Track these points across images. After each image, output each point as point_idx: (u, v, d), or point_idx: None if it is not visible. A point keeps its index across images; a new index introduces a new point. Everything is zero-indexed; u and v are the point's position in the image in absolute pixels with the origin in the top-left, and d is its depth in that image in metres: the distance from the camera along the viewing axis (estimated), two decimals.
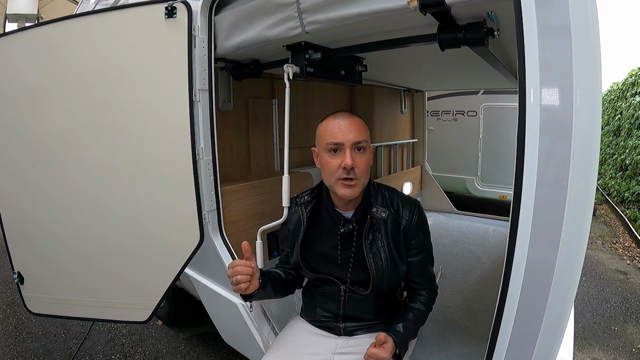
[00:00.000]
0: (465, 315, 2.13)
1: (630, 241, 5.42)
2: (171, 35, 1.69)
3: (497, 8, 1.26)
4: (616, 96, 8.77)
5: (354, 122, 1.38)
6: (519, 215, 1.07)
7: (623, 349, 2.93)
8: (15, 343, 2.98)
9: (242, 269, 1.27)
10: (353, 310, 1.53)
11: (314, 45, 1.77)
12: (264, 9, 1.56)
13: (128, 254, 1.93)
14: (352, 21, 1.33)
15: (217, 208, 1.89)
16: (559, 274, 1.03)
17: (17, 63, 1.96)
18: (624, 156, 7.26)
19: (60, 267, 2.09)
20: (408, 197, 1.55)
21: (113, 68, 1.80)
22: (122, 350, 2.90)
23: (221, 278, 1.96)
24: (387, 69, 2.72)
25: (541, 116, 1.00)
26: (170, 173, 1.80)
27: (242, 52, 1.78)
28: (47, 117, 1.93)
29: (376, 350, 1.30)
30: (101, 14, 1.82)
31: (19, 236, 2.17)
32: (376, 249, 1.45)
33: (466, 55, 1.76)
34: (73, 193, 1.95)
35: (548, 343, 1.09)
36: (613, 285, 4.06)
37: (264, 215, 2.33)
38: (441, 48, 1.44)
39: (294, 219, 1.58)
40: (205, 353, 2.88)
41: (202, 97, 1.76)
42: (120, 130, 1.83)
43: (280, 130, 2.71)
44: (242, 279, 1.27)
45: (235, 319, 1.91)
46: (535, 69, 0.99)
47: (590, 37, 0.94)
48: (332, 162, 1.37)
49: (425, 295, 1.55)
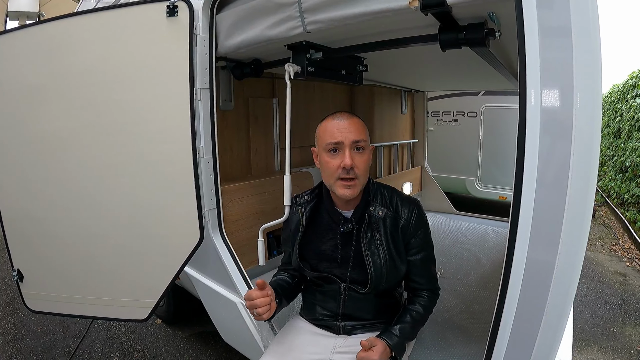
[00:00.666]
0: (464, 315, 2.13)
1: (630, 243, 5.41)
2: (172, 34, 1.69)
3: (498, 9, 1.27)
4: (616, 98, 8.77)
5: (353, 122, 1.40)
6: (519, 216, 1.07)
7: (622, 351, 2.94)
8: (14, 341, 2.98)
9: (261, 301, 1.32)
10: (352, 309, 1.53)
11: (315, 45, 1.77)
12: (266, 8, 1.56)
13: (128, 252, 1.93)
14: (353, 21, 1.34)
15: (217, 207, 1.89)
16: (559, 275, 1.03)
17: (17, 61, 1.96)
18: (624, 158, 7.25)
19: (59, 265, 2.09)
20: (408, 196, 1.55)
21: (114, 66, 1.80)
22: (121, 349, 2.90)
23: (221, 277, 1.96)
24: (387, 69, 2.73)
25: (541, 117, 1.00)
26: (170, 172, 1.80)
27: (243, 51, 1.78)
28: (47, 115, 1.93)
29: (365, 354, 1.31)
30: (102, 12, 1.82)
31: (18, 234, 2.17)
32: (374, 247, 1.45)
33: (467, 55, 1.76)
34: (73, 191, 1.95)
35: (547, 344, 1.09)
36: (612, 287, 4.06)
37: (264, 215, 2.34)
38: (442, 48, 1.44)
39: (294, 219, 1.59)
40: (204, 352, 2.88)
41: (203, 96, 1.76)
42: (121, 128, 1.83)
43: (281, 129, 2.71)
44: (263, 311, 1.32)
45: (234, 318, 1.91)
46: (536, 70, 0.99)
47: (590, 38, 0.94)
48: (331, 162, 1.39)
49: (425, 297, 1.54)
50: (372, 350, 1.32)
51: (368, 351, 1.32)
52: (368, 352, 1.31)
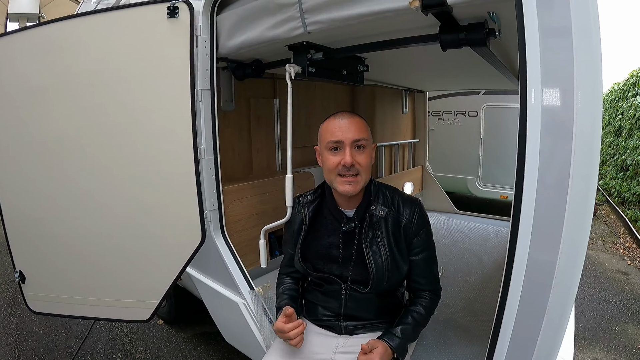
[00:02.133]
0: (466, 315, 2.13)
1: (631, 242, 5.41)
2: (173, 35, 1.70)
3: (498, 9, 1.27)
4: (617, 97, 8.76)
5: (354, 121, 1.41)
6: (520, 216, 1.07)
7: (623, 349, 2.93)
8: (16, 342, 2.99)
9: (294, 333, 1.38)
10: (354, 309, 1.53)
11: (315, 45, 1.77)
12: (266, 9, 1.57)
13: (129, 253, 1.94)
14: (354, 21, 1.34)
15: (219, 207, 1.90)
16: (560, 274, 1.03)
17: (18, 63, 1.97)
18: (625, 157, 7.25)
19: (62, 266, 2.09)
20: (409, 196, 1.56)
21: (114, 68, 1.80)
22: (123, 349, 2.90)
23: (222, 277, 1.96)
24: (388, 69, 2.72)
25: (542, 116, 1.00)
26: (172, 172, 1.80)
27: (244, 52, 1.79)
28: (48, 117, 1.94)
29: (365, 357, 1.31)
30: (103, 14, 1.83)
31: (20, 235, 2.18)
32: (376, 246, 1.46)
33: (467, 55, 1.76)
34: (75, 192, 1.95)
35: (549, 343, 1.09)
36: (614, 285, 4.06)
37: (265, 215, 2.34)
38: (443, 48, 1.44)
39: (297, 219, 1.60)
40: (206, 352, 2.88)
41: (204, 96, 1.77)
42: (122, 129, 1.83)
43: (282, 130, 2.72)
44: (297, 342, 1.39)
45: (236, 318, 1.91)
46: (537, 70, 1.00)
47: (591, 37, 0.94)
48: (332, 159, 1.41)
49: (427, 297, 1.55)
50: (372, 353, 1.32)
51: (369, 354, 1.32)
52: (369, 354, 1.32)
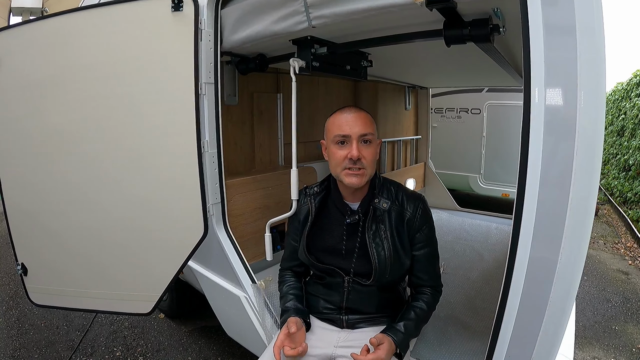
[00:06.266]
0: (467, 311, 2.14)
1: (632, 241, 5.41)
2: (177, 29, 1.70)
3: (503, 5, 1.26)
4: (620, 96, 8.74)
5: (361, 116, 1.43)
6: (522, 214, 1.07)
7: (623, 349, 2.94)
8: (17, 335, 3.01)
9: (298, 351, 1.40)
10: (355, 302, 1.54)
11: (320, 40, 1.77)
12: (271, 3, 1.56)
13: (131, 246, 1.94)
14: (359, 16, 1.34)
15: (222, 201, 1.90)
16: (561, 272, 1.04)
17: (21, 56, 1.97)
18: (627, 156, 7.23)
19: (63, 259, 2.10)
20: (413, 191, 1.57)
21: (118, 62, 1.80)
22: (125, 343, 2.92)
23: (224, 271, 1.96)
24: (392, 64, 2.72)
25: (545, 115, 1.00)
26: (175, 166, 1.81)
27: (248, 46, 1.78)
28: (51, 110, 1.94)
29: (372, 356, 1.31)
30: (106, 7, 1.82)
31: (23, 228, 2.19)
32: (379, 239, 1.47)
33: (471, 52, 1.76)
34: (77, 185, 1.96)
35: (549, 340, 1.10)
36: (614, 285, 4.06)
37: (268, 209, 2.35)
38: (447, 44, 1.44)
39: (303, 210, 1.61)
40: (208, 346, 2.90)
41: (208, 90, 1.77)
42: (126, 123, 1.84)
43: (285, 124, 2.72)
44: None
45: (238, 312, 1.92)
46: (541, 68, 0.99)
47: (595, 36, 0.94)
48: (339, 152, 1.42)
49: (428, 294, 1.55)
50: (379, 349, 1.32)
51: (377, 351, 1.32)
52: (377, 352, 1.32)
